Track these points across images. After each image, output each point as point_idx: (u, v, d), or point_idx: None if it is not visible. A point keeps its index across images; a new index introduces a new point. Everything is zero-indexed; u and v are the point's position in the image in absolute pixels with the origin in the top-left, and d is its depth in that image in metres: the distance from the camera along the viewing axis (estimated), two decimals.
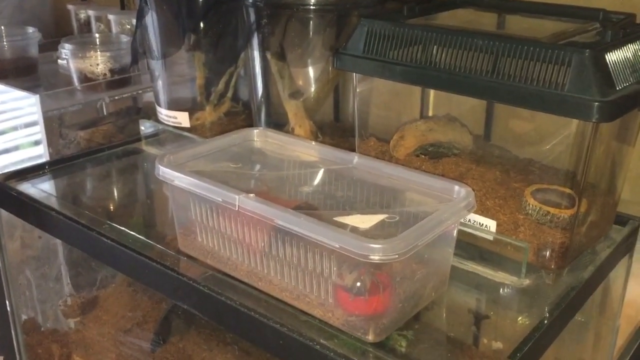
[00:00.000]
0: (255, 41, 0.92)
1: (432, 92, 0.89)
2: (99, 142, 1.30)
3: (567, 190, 0.72)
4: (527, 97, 0.65)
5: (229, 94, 1.09)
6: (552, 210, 0.70)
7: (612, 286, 0.87)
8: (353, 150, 0.85)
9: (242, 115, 1.11)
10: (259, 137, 0.83)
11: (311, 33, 0.91)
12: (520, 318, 0.68)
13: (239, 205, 0.65)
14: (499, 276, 0.73)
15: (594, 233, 0.77)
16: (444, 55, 0.71)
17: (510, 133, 0.86)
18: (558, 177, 0.74)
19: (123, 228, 0.82)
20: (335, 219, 0.65)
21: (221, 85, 1.08)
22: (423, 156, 0.82)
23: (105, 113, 1.42)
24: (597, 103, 0.61)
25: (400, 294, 0.62)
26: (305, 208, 0.71)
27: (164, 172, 0.72)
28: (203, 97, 1.07)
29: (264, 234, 0.66)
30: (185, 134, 1.06)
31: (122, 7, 1.51)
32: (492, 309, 0.70)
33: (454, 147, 0.84)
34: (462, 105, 0.87)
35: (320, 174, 0.76)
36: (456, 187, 0.67)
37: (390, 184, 0.72)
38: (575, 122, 0.67)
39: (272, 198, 0.70)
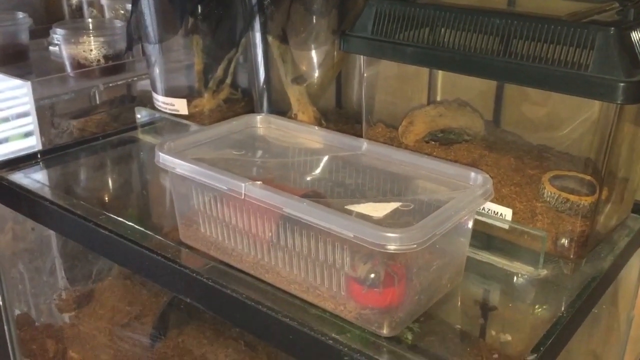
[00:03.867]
0: (257, 25, 0.88)
1: (440, 75, 0.86)
2: (93, 131, 1.26)
3: (586, 177, 0.69)
4: (547, 78, 0.62)
5: (228, 81, 1.06)
6: (572, 197, 0.67)
7: (626, 276, 0.85)
8: (359, 137, 0.81)
9: (241, 103, 1.08)
10: (262, 123, 0.80)
11: (315, 15, 0.87)
12: (539, 310, 0.65)
13: (245, 194, 0.62)
14: (515, 266, 0.70)
15: (612, 221, 0.74)
16: (458, 36, 0.68)
17: (521, 118, 0.83)
18: (576, 163, 0.71)
19: (121, 219, 0.78)
20: (347, 207, 0.62)
21: (220, 71, 1.04)
22: (433, 142, 0.79)
23: (97, 101, 1.38)
24: (622, 84, 0.58)
25: (417, 286, 0.59)
26: (313, 196, 0.67)
27: (165, 159, 0.68)
28: (201, 83, 1.04)
29: (272, 223, 0.63)
30: (183, 121, 1.02)
31: None
32: (509, 300, 0.67)
33: (464, 133, 0.81)
34: (471, 90, 0.84)
35: (327, 161, 0.73)
36: (472, 174, 0.64)
37: (402, 171, 0.69)
38: (597, 104, 0.64)
39: (278, 186, 0.67)
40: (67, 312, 1.06)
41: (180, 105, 1.02)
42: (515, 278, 0.69)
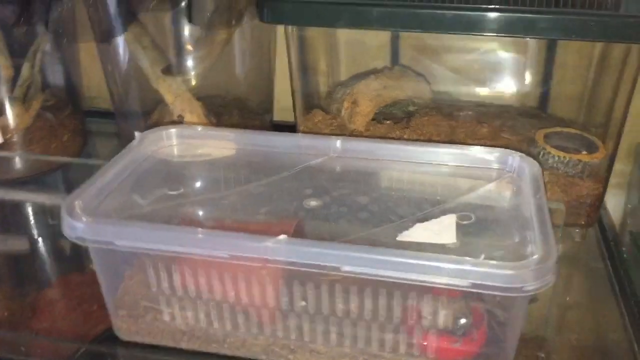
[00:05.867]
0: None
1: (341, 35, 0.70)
2: None
3: (577, 131, 0.62)
4: (581, 26, 0.51)
5: (37, 83, 0.76)
6: (584, 157, 0.59)
7: None
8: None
9: (66, 111, 0.79)
10: (177, 139, 0.57)
11: None
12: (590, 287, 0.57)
13: (270, 259, 0.41)
14: None
15: None
16: None
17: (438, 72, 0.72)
18: (556, 119, 0.63)
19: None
20: (399, 238, 0.45)
21: (26, 71, 0.74)
22: (387, 122, 0.65)
23: None
24: None
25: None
26: (305, 231, 0.49)
27: (91, 230, 0.43)
28: (6, 94, 0.73)
29: (302, 286, 0.44)
30: None
31: None
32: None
33: (410, 104, 0.68)
34: (363, 45, 0.71)
35: (300, 176, 0.53)
36: (510, 158, 0.52)
37: (405, 169, 0.54)
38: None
39: (259, 227, 0.48)
40: None
41: None
42: None
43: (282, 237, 0.41)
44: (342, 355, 0.45)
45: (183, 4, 0.64)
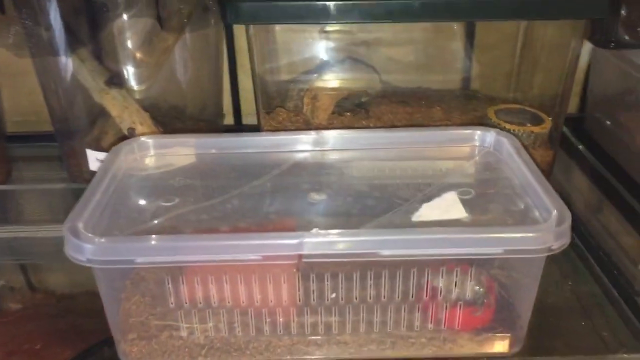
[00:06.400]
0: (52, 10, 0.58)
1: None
2: None
3: (521, 107, 0.67)
4: (528, 7, 0.55)
5: None
6: (535, 129, 0.64)
7: None
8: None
9: None
10: (153, 149, 0.54)
11: None
12: None
13: (305, 254, 0.41)
14: None
15: None
16: None
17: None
18: (496, 98, 0.68)
19: None
20: (414, 219, 0.46)
21: None
22: (347, 114, 0.66)
23: None
24: None
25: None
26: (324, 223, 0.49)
27: (108, 250, 0.40)
28: None
29: (334, 278, 0.44)
30: None
31: None
32: None
33: (363, 94, 0.69)
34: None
35: (292, 173, 0.53)
36: (487, 135, 0.54)
37: (389, 155, 0.55)
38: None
39: (270, 226, 0.47)
40: None
41: None
42: None
43: (315, 230, 0.41)
44: (369, 342, 0.46)
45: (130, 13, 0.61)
